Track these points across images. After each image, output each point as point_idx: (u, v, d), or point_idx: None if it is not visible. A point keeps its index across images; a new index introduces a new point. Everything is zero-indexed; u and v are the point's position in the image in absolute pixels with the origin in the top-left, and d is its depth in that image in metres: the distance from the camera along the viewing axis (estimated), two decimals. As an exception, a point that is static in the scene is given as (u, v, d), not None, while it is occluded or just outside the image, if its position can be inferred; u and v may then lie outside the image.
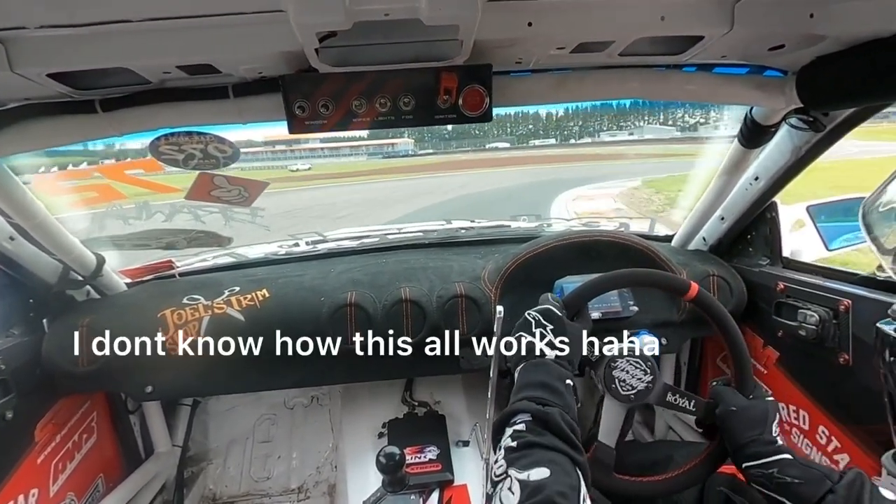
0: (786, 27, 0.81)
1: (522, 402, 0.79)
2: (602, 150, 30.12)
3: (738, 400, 0.96)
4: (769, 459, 0.86)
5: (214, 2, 0.69)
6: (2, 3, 0.64)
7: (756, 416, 0.93)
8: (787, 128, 1.18)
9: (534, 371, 0.87)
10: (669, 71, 1.04)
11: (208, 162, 1.11)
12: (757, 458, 0.88)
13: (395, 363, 1.49)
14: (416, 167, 25.42)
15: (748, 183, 1.39)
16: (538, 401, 0.79)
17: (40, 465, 1.34)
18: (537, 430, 0.74)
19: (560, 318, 0.94)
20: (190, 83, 0.92)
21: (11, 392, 1.23)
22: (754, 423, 0.92)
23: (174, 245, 1.59)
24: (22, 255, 1.26)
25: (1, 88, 0.83)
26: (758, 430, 0.90)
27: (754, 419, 0.92)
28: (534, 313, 0.95)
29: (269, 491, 2.01)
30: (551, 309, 0.95)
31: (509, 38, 0.84)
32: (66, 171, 1.28)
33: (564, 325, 0.93)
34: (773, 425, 0.92)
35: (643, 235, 1.63)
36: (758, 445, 0.89)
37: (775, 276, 1.43)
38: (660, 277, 1.08)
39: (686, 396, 1.00)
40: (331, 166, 25.48)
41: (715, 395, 1.00)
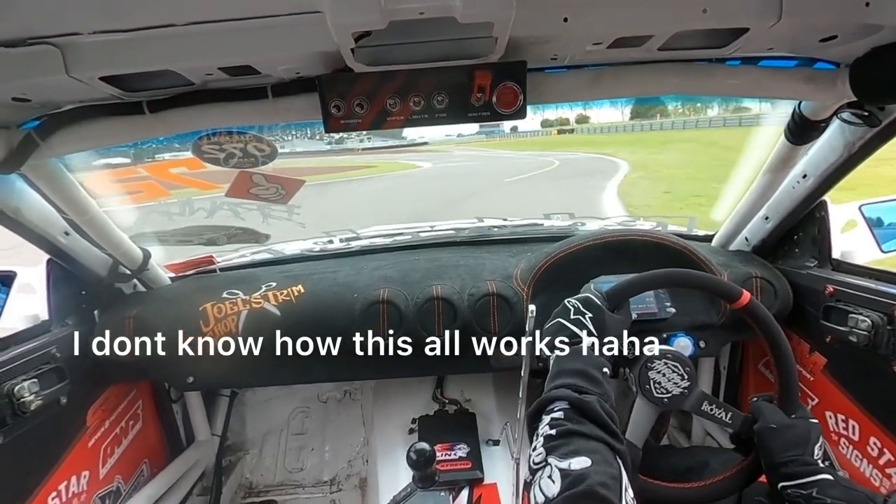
0: (839, 17, 0.77)
1: (560, 390, 0.77)
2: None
3: (779, 417, 0.92)
4: (808, 479, 0.83)
5: (254, 4, 0.71)
6: (58, 10, 0.67)
7: (798, 435, 0.89)
8: (838, 123, 1.12)
9: (570, 359, 0.85)
10: (712, 65, 1.00)
11: (248, 160, 1.14)
12: (795, 478, 0.84)
13: (425, 360, 1.49)
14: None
15: (795, 181, 1.33)
16: (576, 388, 0.77)
17: (91, 449, 1.42)
18: (576, 417, 0.72)
19: (600, 308, 0.92)
20: (231, 84, 0.94)
21: (66, 378, 1.29)
22: (795, 442, 0.88)
23: (215, 241, 1.64)
24: (76, 250, 1.33)
25: (57, 91, 0.88)
26: (798, 450, 0.87)
27: (795, 439, 0.88)
28: (574, 300, 0.94)
29: (303, 482, 2.06)
30: (592, 298, 0.93)
31: (545, 35, 0.82)
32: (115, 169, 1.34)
33: (604, 316, 0.91)
34: (815, 448, 0.87)
35: (681, 235, 1.58)
36: (797, 465, 0.85)
37: (824, 278, 1.36)
38: (711, 282, 1.05)
39: (723, 408, 0.97)
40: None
41: (755, 410, 0.96)
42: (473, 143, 27.64)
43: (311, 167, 1.74)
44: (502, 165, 20.26)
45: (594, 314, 0.90)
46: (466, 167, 19.82)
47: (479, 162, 22.08)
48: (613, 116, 32.99)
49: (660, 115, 29.27)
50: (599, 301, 0.94)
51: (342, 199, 11.24)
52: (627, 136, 30.10)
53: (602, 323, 0.90)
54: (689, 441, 1.97)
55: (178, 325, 1.43)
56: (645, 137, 28.00)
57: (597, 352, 0.87)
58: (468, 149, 26.42)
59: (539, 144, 28.14)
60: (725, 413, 0.97)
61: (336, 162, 15.94)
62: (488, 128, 19.81)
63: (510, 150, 26.38)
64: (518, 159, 22.31)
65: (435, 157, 22.65)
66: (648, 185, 12.38)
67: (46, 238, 1.24)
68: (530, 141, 30.08)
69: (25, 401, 1.15)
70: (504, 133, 29.67)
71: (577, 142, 28.59)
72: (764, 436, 0.91)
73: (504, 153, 25.60)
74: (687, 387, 0.96)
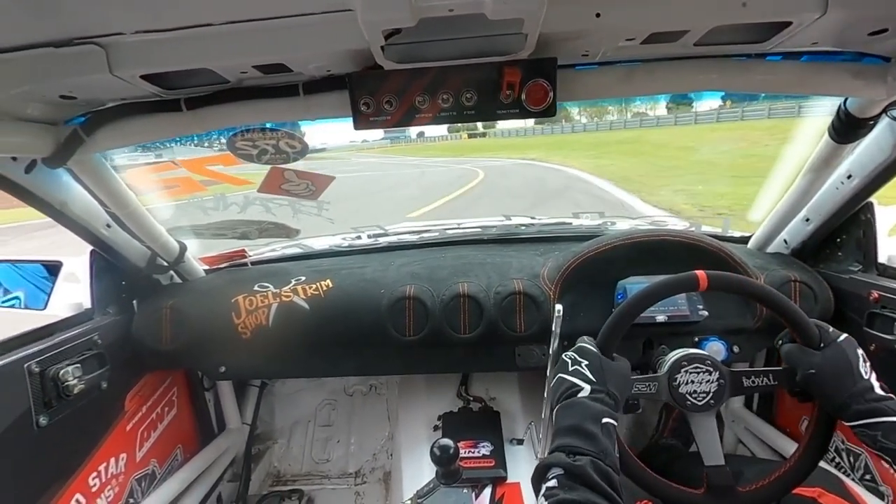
0: (889, 9, 0.73)
1: (554, 455, 0.76)
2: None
3: (812, 359, 0.89)
4: (871, 421, 0.80)
5: (287, 3, 0.72)
6: (103, 11, 0.70)
7: (837, 367, 0.86)
8: (887, 121, 1.06)
9: (566, 413, 0.83)
10: (751, 60, 0.96)
11: (280, 157, 1.17)
12: (859, 418, 0.82)
13: (451, 357, 1.50)
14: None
15: (840, 181, 1.27)
16: (569, 450, 0.76)
17: (129, 433, 1.48)
18: (569, 484, 0.71)
19: (596, 354, 0.91)
20: (264, 82, 0.97)
21: (107, 364, 1.35)
22: (839, 375, 0.85)
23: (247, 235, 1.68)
24: (117, 242, 1.39)
25: (101, 89, 0.91)
26: (848, 380, 0.84)
27: (838, 372, 0.85)
28: (569, 352, 0.93)
29: (329, 473, 2.10)
30: (586, 346, 0.93)
31: (576, 31, 0.81)
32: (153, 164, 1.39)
33: (601, 360, 0.90)
34: (860, 368, 0.85)
35: (716, 236, 1.53)
36: (856, 402, 0.82)
37: (869, 283, 1.30)
38: (668, 282, 0.97)
39: (763, 374, 0.94)
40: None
41: (787, 359, 0.93)
42: (377, 149, 25.81)
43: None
44: (410, 177, 16.66)
45: (590, 360, 0.89)
46: (364, 181, 15.20)
47: (381, 171, 19.06)
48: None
49: (564, 119, 27.01)
50: (595, 347, 0.93)
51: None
52: (541, 139, 27.77)
53: (599, 368, 0.88)
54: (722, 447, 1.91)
55: (211, 317, 1.47)
56: (563, 141, 25.71)
57: (596, 398, 0.84)
58: (369, 155, 24.24)
59: (450, 150, 25.92)
60: (769, 377, 0.94)
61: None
62: (393, 133, 18.03)
63: (418, 157, 23.39)
64: (429, 167, 19.13)
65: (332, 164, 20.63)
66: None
67: (90, 230, 1.30)
68: (439, 146, 27.81)
69: (69, 384, 1.20)
70: (410, 138, 27.59)
71: (494, 146, 26.20)
72: (811, 384, 0.89)
73: (411, 160, 22.64)
74: (718, 376, 0.93)
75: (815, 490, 0.94)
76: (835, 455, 1.43)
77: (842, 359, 0.86)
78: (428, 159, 22.31)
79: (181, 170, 1.32)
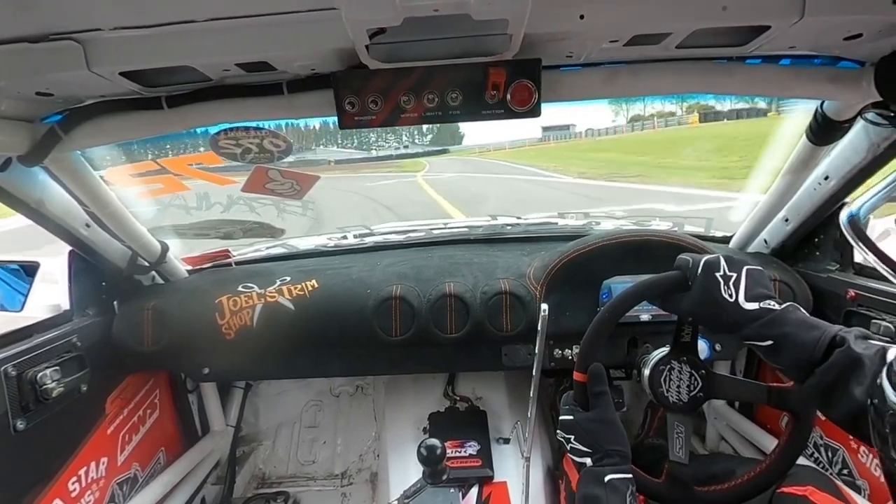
0: (864, 14, 0.75)
1: None
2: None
3: (683, 303, 0.89)
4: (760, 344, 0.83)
5: (271, 1, 0.71)
6: (80, 6, 0.69)
7: (706, 302, 0.85)
8: (862, 123, 1.09)
9: (578, 485, 0.87)
10: (731, 64, 0.98)
11: (264, 156, 1.15)
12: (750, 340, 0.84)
13: (437, 357, 1.50)
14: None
15: (817, 182, 1.29)
16: None
17: (110, 436, 1.46)
18: None
19: (575, 423, 0.91)
20: (247, 80, 0.95)
21: (86, 367, 1.33)
22: (711, 310, 0.85)
23: (231, 235, 1.67)
24: (96, 242, 1.37)
25: (79, 86, 0.90)
26: (718, 313, 0.84)
27: (708, 308, 0.85)
28: (558, 433, 0.94)
29: (315, 474, 2.09)
30: (565, 419, 0.93)
31: (560, 32, 0.82)
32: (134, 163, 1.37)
33: (583, 428, 0.90)
34: (723, 294, 0.83)
35: (698, 236, 1.56)
36: (737, 328, 0.83)
37: (845, 282, 1.33)
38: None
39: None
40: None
41: (672, 311, 0.93)
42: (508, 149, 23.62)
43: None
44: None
45: (576, 433, 0.90)
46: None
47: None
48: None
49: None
50: (574, 415, 0.92)
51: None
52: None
53: (585, 436, 0.89)
54: (704, 445, 1.95)
55: (194, 318, 1.45)
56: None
57: (601, 466, 0.86)
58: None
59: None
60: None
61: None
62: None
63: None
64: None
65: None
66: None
67: (68, 230, 1.27)
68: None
69: (47, 388, 1.18)
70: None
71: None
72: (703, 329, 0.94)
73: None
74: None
75: (807, 488, 0.95)
76: (813, 451, 1.46)
77: (705, 292, 0.85)
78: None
79: (163, 169, 1.31)
